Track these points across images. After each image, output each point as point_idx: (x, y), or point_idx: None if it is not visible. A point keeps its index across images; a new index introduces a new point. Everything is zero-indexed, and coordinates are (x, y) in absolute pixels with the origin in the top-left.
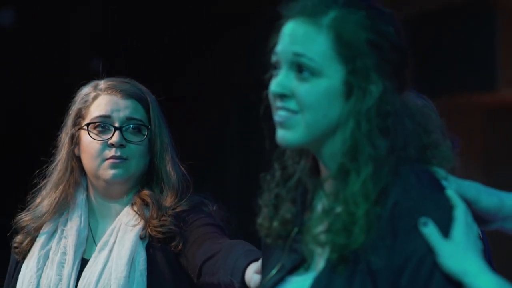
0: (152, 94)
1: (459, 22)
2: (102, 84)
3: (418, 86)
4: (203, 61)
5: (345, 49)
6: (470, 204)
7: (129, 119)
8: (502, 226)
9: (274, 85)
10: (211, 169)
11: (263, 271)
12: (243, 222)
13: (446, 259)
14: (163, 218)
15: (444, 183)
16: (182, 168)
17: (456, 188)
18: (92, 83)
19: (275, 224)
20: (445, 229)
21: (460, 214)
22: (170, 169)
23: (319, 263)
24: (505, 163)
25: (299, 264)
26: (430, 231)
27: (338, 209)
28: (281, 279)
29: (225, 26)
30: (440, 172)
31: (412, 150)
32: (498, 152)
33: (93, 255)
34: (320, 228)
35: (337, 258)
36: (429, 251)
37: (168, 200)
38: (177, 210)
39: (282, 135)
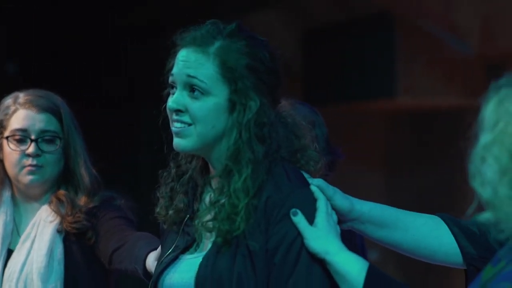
0: (66, 105)
1: (362, 33)
2: (21, 98)
3: (324, 94)
4: (128, 64)
5: (228, 73)
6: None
7: (43, 131)
8: (352, 227)
9: (171, 102)
10: (127, 164)
11: (162, 251)
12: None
13: (312, 241)
14: (77, 215)
15: (309, 180)
16: (94, 171)
17: (317, 185)
18: (13, 95)
19: (171, 212)
20: (310, 218)
21: (322, 205)
22: (83, 172)
23: (207, 245)
24: (405, 167)
25: (191, 245)
26: (298, 219)
27: (223, 201)
28: (176, 257)
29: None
30: (305, 174)
31: (284, 153)
32: (398, 156)
33: (17, 247)
34: (208, 216)
35: (222, 241)
36: (298, 235)
37: (82, 200)
38: (89, 206)
39: (178, 142)
